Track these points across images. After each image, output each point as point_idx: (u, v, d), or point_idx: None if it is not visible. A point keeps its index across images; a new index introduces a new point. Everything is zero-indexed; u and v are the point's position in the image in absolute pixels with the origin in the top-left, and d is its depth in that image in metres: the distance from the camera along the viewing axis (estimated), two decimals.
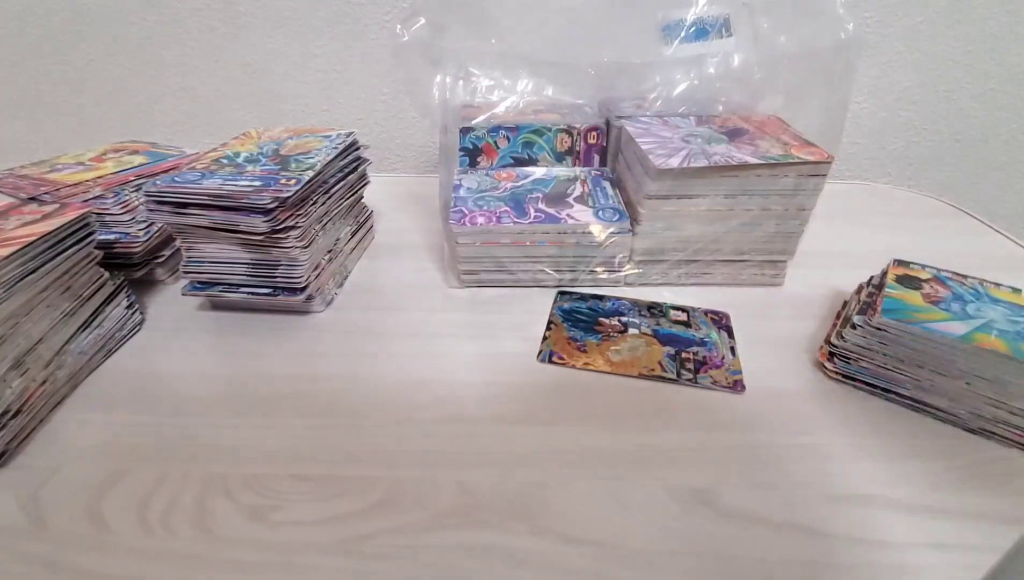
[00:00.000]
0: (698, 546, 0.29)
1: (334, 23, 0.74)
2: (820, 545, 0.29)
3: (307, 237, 0.44)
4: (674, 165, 0.44)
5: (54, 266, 0.37)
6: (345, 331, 0.45)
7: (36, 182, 0.49)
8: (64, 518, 0.30)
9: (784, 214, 0.47)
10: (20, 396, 0.34)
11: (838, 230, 0.61)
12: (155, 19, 0.75)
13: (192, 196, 0.42)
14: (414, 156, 0.84)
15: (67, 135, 0.84)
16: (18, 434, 0.34)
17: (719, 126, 0.52)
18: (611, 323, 0.46)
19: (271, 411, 0.37)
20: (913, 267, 0.43)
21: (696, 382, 0.40)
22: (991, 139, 0.78)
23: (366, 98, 0.79)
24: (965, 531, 0.30)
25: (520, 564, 0.28)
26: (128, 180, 0.50)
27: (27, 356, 0.35)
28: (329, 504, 0.31)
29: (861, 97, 0.76)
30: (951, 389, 0.36)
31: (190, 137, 0.83)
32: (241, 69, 0.78)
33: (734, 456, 0.34)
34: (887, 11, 0.71)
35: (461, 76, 0.55)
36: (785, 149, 0.46)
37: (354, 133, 0.53)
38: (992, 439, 0.35)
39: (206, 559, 0.28)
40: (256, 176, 0.43)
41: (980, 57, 0.73)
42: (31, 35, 0.77)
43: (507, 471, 0.33)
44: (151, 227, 0.48)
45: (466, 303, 0.49)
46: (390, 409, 0.38)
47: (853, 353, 0.39)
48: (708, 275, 0.50)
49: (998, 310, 0.38)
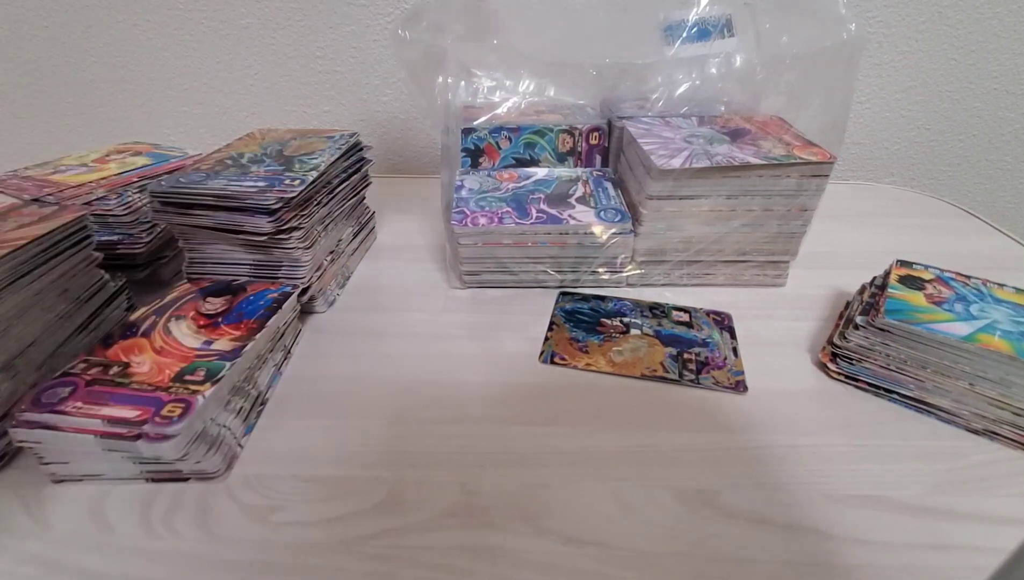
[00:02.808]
0: (700, 547, 0.29)
1: (336, 24, 0.74)
2: (823, 546, 0.29)
3: (310, 238, 0.44)
4: (676, 165, 0.44)
5: (48, 269, 0.37)
6: (347, 332, 0.45)
7: (40, 183, 0.49)
8: (67, 519, 0.30)
9: (786, 214, 0.47)
10: (9, 398, 0.34)
11: (841, 230, 0.61)
12: (158, 21, 0.75)
13: (197, 196, 0.42)
14: (416, 157, 0.84)
15: (71, 136, 0.85)
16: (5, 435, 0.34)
17: (721, 126, 0.52)
18: (613, 324, 0.46)
19: (273, 411, 0.37)
20: (916, 268, 0.43)
21: (698, 383, 0.40)
22: (995, 139, 0.78)
23: (368, 99, 0.80)
24: (968, 533, 0.30)
25: (522, 565, 0.28)
26: (131, 181, 0.50)
27: (17, 359, 0.35)
28: (331, 505, 0.31)
29: (864, 97, 0.76)
30: (954, 390, 0.36)
31: (193, 138, 0.83)
32: (244, 70, 0.78)
33: (736, 457, 0.34)
34: (890, 11, 0.70)
35: (463, 77, 0.55)
36: (787, 149, 0.46)
37: (357, 134, 0.54)
38: (996, 440, 0.35)
39: (208, 559, 0.28)
40: (260, 177, 0.43)
41: (984, 57, 0.73)
42: (35, 38, 0.77)
43: (509, 472, 0.33)
44: (154, 228, 0.48)
45: (468, 304, 0.49)
46: (392, 410, 0.38)
47: (856, 354, 0.39)
48: (710, 276, 0.50)
49: (1002, 311, 0.38)
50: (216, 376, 0.33)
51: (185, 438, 0.30)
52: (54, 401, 0.31)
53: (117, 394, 0.31)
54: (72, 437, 0.30)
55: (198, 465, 0.32)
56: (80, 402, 0.31)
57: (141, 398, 0.31)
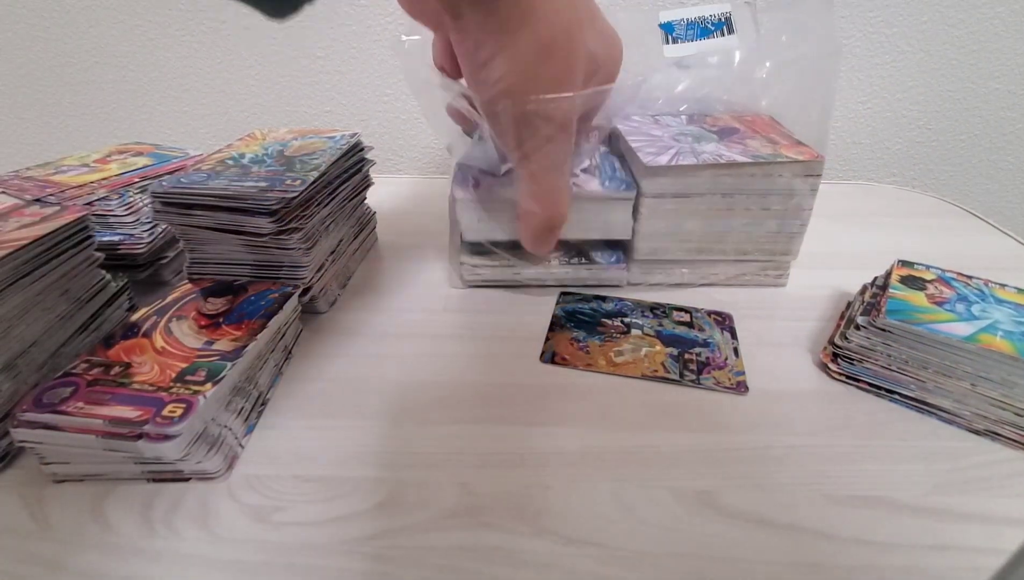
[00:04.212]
0: (701, 548, 0.29)
1: (337, 24, 0.74)
2: (824, 547, 0.29)
3: (311, 238, 0.44)
4: (663, 163, 0.44)
5: (49, 269, 0.37)
6: (348, 332, 0.46)
7: (41, 184, 0.49)
8: (68, 518, 0.30)
9: (784, 214, 0.47)
10: (10, 398, 0.34)
11: (842, 230, 0.61)
12: (159, 20, 0.75)
13: (198, 197, 0.42)
14: (416, 157, 0.84)
15: (72, 137, 0.85)
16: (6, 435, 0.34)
17: (710, 125, 0.51)
18: (614, 324, 0.46)
19: (274, 412, 0.38)
20: (917, 268, 0.43)
21: (699, 383, 0.40)
22: (996, 139, 0.78)
23: (369, 99, 0.80)
24: (970, 533, 0.30)
25: (522, 565, 0.28)
26: (133, 181, 0.50)
27: (19, 359, 0.35)
28: (332, 505, 0.31)
29: (865, 97, 0.76)
30: (956, 390, 0.36)
31: (194, 138, 0.84)
32: (245, 71, 0.78)
33: (737, 457, 0.34)
34: (891, 10, 0.70)
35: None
36: (774, 148, 0.46)
37: (358, 134, 0.54)
38: (997, 441, 0.35)
39: (209, 559, 0.28)
40: (262, 177, 0.43)
41: (985, 57, 0.72)
42: (36, 37, 0.77)
43: (509, 472, 0.33)
44: (155, 228, 0.48)
45: (468, 304, 0.49)
46: (393, 410, 0.38)
47: (857, 354, 0.39)
48: (711, 276, 0.50)
49: (1004, 311, 0.38)
50: (217, 376, 0.33)
51: (186, 438, 0.30)
52: (55, 401, 0.31)
53: (118, 394, 0.32)
54: (73, 437, 0.30)
55: (199, 465, 0.32)
56: (81, 402, 0.31)
57: (142, 398, 0.31)
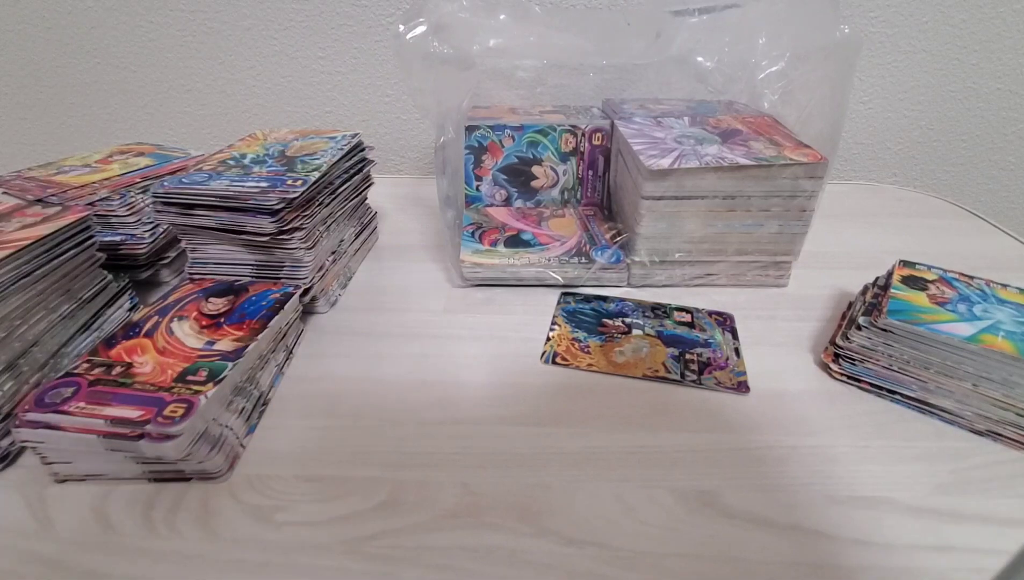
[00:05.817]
0: (702, 548, 0.29)
1: (337, 25, 0.74)
2: (825, 547, 0.29)
3: (312, 238, 0.44)
4: (665, 165, 0.44)
5: (51, 269, 0.37)
6: (349, 332, 0.46)
7: (43, 184, 0.49)
8: (70, 518, 0.31)
9: (785, 215, 0.47)
10: (12, 398, 0.34)
11: (843, 231, 0.61)
12: (160, 21, 0.75)
13: (199, 197, 0.42)
14: (417, 157, 0.84)
15: (74, 137, 0.85)
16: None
17: (712, 127, 0.51)
18: (615, 324, 0.46)
19: (275, 412, 0.38)
20: (919, 268, 0.43)
21: (700, 383, 0.40)
22: (998, 139, 0.78)
23: (369, 99, 0.80)
24: (971, 534, 0.30)
25: (523, 565, 0.28)
26: (134, 182, 0.50)
27: (21, 359, 0.35)
28: (333, 505, 0.31)
29: (867, 97, 0.76)
30: (957, 390, 0.36)
31: (196, 139, 0.84)
32: (246, 71, 0.78)
33: (738, 458, 0.34)
34: (893, 10, 0.70)
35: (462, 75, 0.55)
36: (778, 150, 0.46)
37: (359, 134, 0.54)
38: (999, 441, 0.35)
39: (210, 559, 0.28)
40: (263, 177, 0.43)
41: (986, 57, 0.72)
42: (37, 38, 0.77)
43: (511, 472, 0.33)
44: (156, 229, 0.48)
45: (470, 304, 0.49)
46: (394, 410, 0.38)
47: (858, 354, 0.39)
48: (712, 276, 0.50)
49: (1005, 311, 0.38)
50: (218, 376, 0.33)
51: (187, 438, 0.30)
52: (57, 401, 0.31)
53: (120, 394, 0.32)
54: (75, 437, 0.30)
55: (200, 465, 0.32)
56: (83, 402, 0.31)
57: (144, 398, 0.31)
